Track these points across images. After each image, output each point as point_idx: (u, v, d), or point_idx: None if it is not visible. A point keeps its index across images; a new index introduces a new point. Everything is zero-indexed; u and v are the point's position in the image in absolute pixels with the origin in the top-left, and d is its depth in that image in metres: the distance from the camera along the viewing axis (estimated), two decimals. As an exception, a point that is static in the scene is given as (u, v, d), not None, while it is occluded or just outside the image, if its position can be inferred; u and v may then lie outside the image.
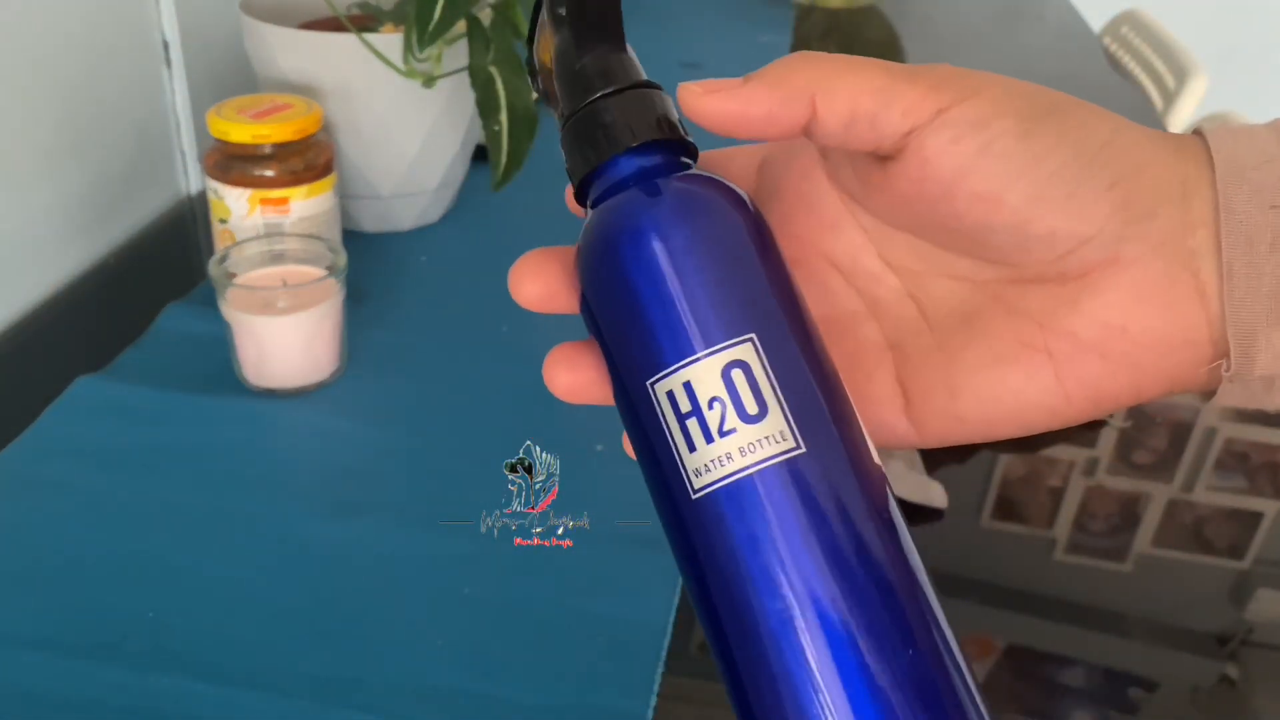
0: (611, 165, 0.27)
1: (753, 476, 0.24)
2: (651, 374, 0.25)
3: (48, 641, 0.47)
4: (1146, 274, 0.25)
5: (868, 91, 0.25)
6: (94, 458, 0.57)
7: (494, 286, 0.88)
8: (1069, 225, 0.25)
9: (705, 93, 0.26)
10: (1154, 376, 0.26)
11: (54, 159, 0.75)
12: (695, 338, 0.24)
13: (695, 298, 0.25)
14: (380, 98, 0.76)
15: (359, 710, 0.45)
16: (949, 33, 1.56)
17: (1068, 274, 0.26)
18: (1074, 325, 0.26)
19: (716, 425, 0.24)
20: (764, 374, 0.24)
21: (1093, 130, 0.25)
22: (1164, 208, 0.25)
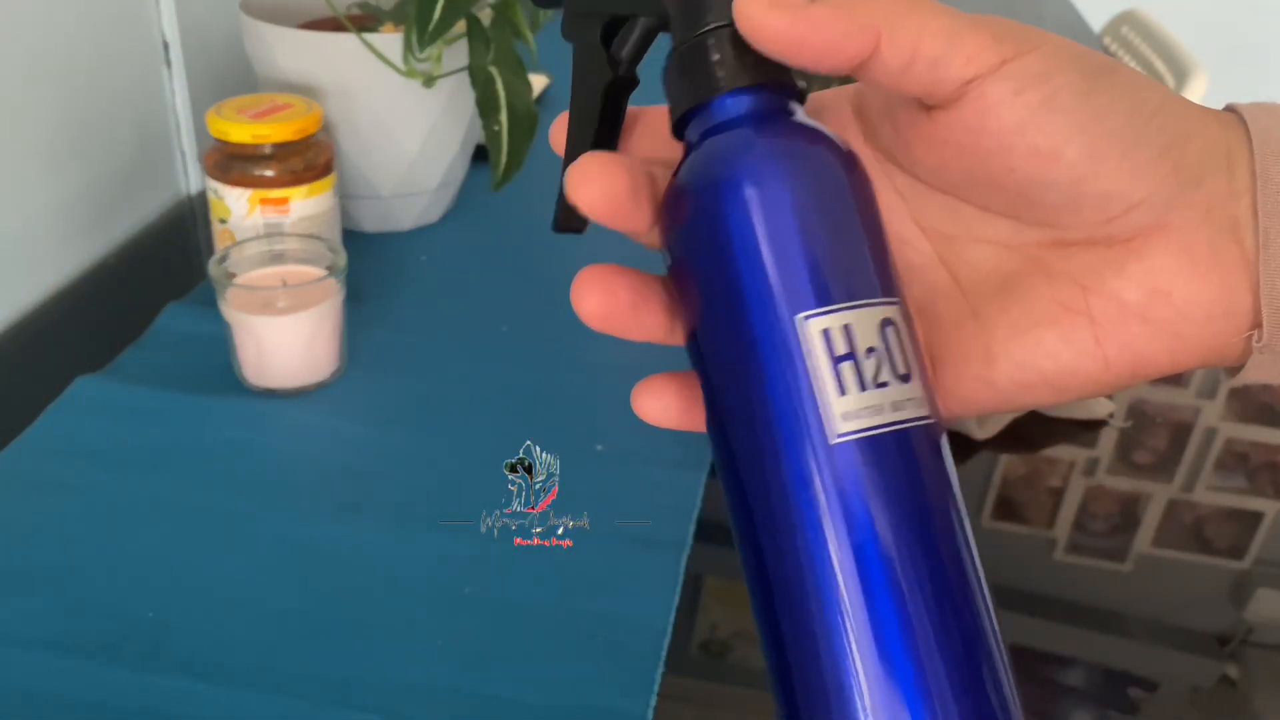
0: (744, 95, 0.26)
1: (900, 433, 0.24)
2: (804, 308, 0.24)
3: (48, 641, 0.47)
4: (1194, 240, 0.25)
5: (933, 32, 0.25)
6: (94, 458, 0.57)
7: (494, 286, 0.89)
8: (1123, 186, 0.25)
9: (770, 5, 0.25)
10: (1194, 345, 0.26)
11: (54, 159, 0.75)
12: (864, 284, 0.25)
13: (861, 245, 0.25)
14: (380, 98, 0.76)
15: (359, 710, 0.45)
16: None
17: (1115, 237, 0.26)
18: (1119, 288, 0.26)
19: (871, 375, 0.24)
20: (908, 338, 0.25)
21: (1146, 94, 0.25)
22: (1211, 175, 0.25)
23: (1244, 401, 0.73)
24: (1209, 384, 0.75)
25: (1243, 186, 0.25)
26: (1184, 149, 0.25)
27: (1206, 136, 0.26)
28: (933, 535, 0.24)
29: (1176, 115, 0.26)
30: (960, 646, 0.23)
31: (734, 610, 0.55)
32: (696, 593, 0.53)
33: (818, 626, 0.24)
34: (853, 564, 0.23)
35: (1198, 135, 0.26)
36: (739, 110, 0.26)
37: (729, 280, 0.25)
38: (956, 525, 0.24)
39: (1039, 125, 0.25)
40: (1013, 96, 0.25)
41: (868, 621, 0.23)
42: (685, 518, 0.55)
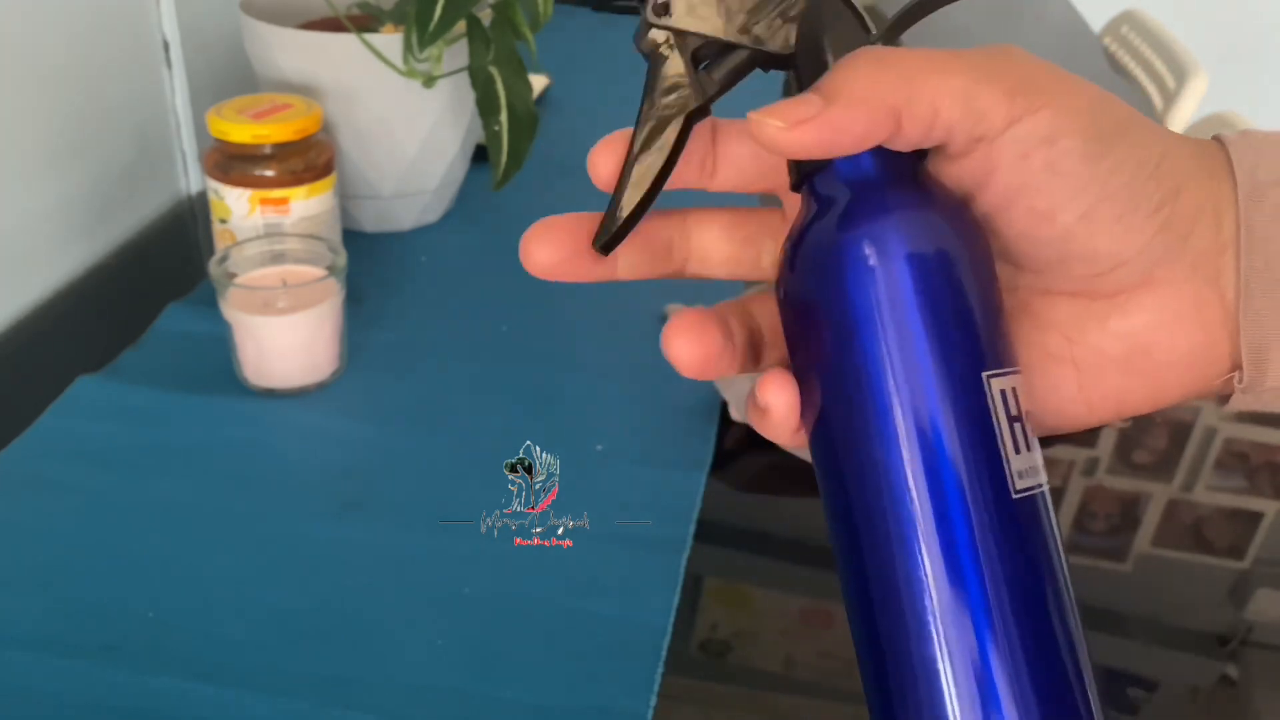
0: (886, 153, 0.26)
1: (1043, 494, 0.26)
2: (988, 367, 0.25)
3: (48, 641, 0.47)
4: (1179, 296, 0.26)
5: (948, 96, 0.24)
6: (94, 458, 0.57)
7: (494, 286, 0.89)
8: (1114, 246, 0.25)
9: (790, 126, 0.24)
10: (1174, 388, 0.27)
11: (54, 159, 0.75)
12: (1009, 351, 0.26)
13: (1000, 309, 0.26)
14: (380, 98, 0.76)
15: (359, 710, 0.45)
16: (949, 33, 1.56)
17: (1100, 291, 0.26)
18: (1101, 341, 0.27)
19: (1023, 438, 0.26)
20: (1023, 411, 0.26)
21: (1149, 150, 0.25)
22: (1199, 228, 0.26)
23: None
24: (1209, 384, 0.75)
25: (1229, 238, 0.26)
26: (1176, 203, 0.25)
27: (1197, 187, 0.26)
28: (1058, 585, 0.26)
29: (1174, 168, 0.26)
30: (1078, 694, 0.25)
31: (734, 610, 0.55)
32: (696, 593, 0.53)
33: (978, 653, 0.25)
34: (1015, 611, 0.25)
35: (1190, 187, 0.26)
36: (880, 167, 0.26)
37: (899, 338, 0.25)
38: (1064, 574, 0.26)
39: (1039, 189, 0.25)
40: (1018, 161, 0.25)
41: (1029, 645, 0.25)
42: (685, 518, 0.55)
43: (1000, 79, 0.25)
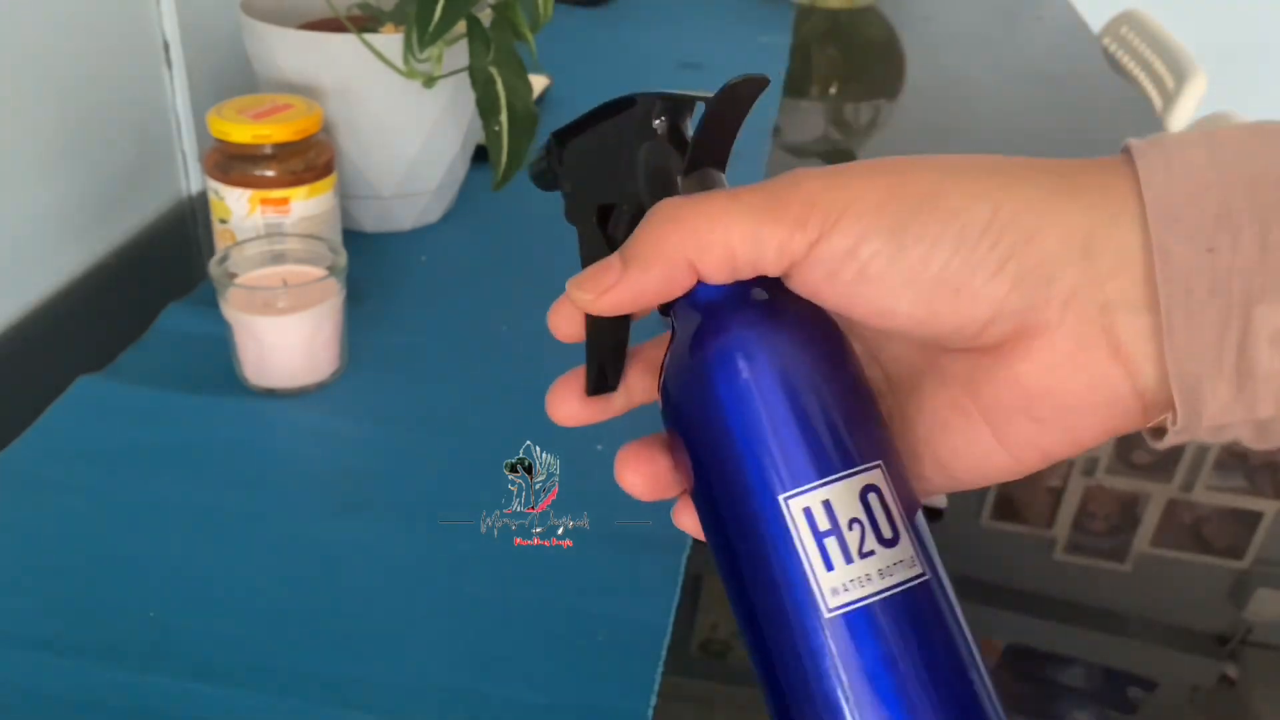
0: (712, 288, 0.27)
1: (890, 599, 0.25)
2: (786, 489, 0.25)
3: (48, 641, 0.47)
4: (1057, 341, 0.25)
5: (737, 240, 0.25)
6: (94, 458, 0.58)
7: (494, 287, 0.89)
8: (966, 317, 0.25)
9: (597, 296, 0.27)
10: (1087, 430, 0.26)
11: (54, 159, 0.75)
12: (837, 457, 0.25)
13: (831, 418, 0.26)
14: (380, 98, 0.76)
15: (359, 710, 0.45)
16: (949, 33, 1.56)
17: (985, 346, 0.26)
18: (999, 392, 0.26)
19: (856, 546, 0.25)
20: (892, 499, 0.25)
21: (971, 215, 0.25)
22: (1063, 269, 0.24)
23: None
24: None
25: (1106, 269, 0.24)
26: (1024, 254, 0.25)
27: (1055, 228, 0.25)
28: (938, 686, 0.24)
29: (1011, 221, 0.25)
30: None
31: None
32: (696, 593, 0.53)
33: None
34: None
35: (1042, 231, 0.25)
36: (711, 294, 0.27)
37: (716, 460, 0.27)
38: (967, 667, 0.25)
39: (861, 297, 0.25)
40: (828, 281, 0.25)
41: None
42: (685, 518, 0.55)
43: (786, 210, 0.25)
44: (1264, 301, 0.23)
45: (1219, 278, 0.23)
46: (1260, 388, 0.23)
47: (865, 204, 0.25)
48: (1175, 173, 0.24)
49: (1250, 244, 0.23)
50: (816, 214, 0.25)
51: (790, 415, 0.26)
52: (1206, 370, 0.24)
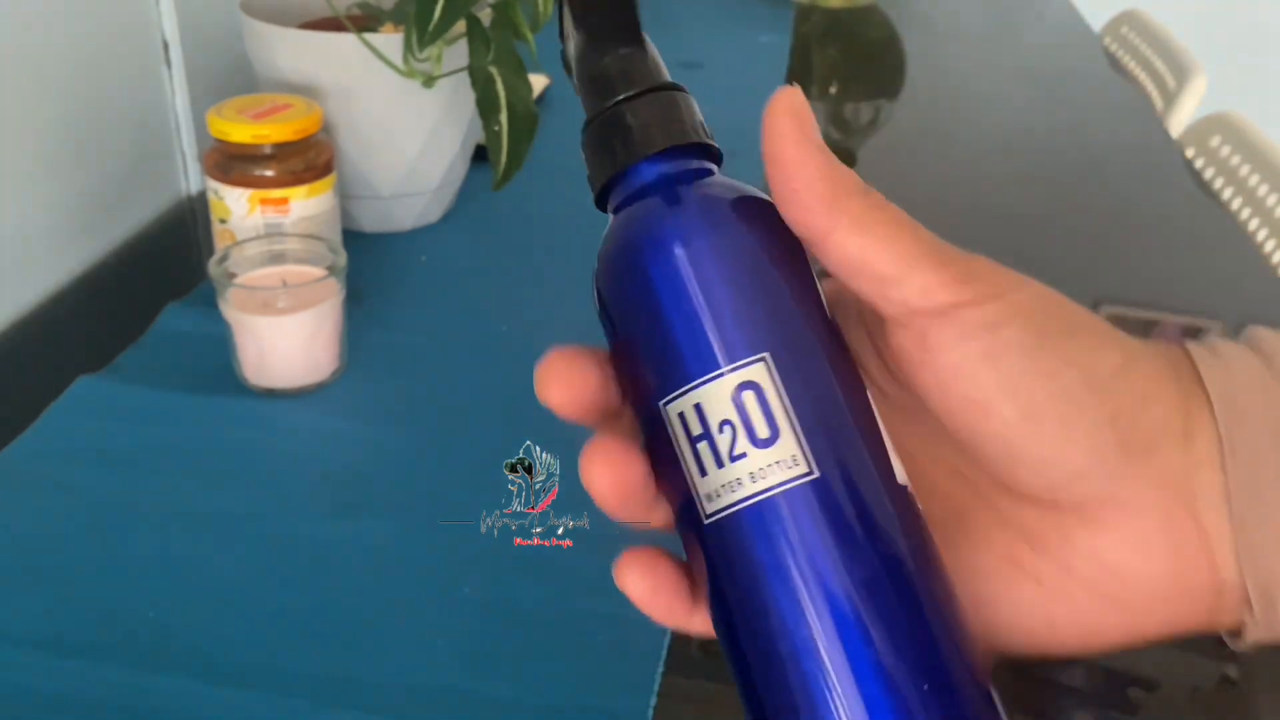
0: (629, 173, 0.26)
1: (764, 502, 0.23)
2: (663, 395, 0.24)
3: (48, 641, 0.47)
4: (1146, 518, 0.24)
5: (891, 252, 0.24)
6: (94, 458, 0.57)
7: (494, 286, 0.89)
8: (1061, 454, 0.24)
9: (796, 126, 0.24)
10: (1149, 620, 0.25)
11: (54, 159, 0.75)
12: (707, 357, 0.24)
13: (708, 314, 0.24)
14: (380, 98, 0.76)
15: (359, 710, 0.45)
16: (949, 33, 1.56)
17: (1062, 502, 0.25)
18: (1067, 557, 0.25)
19: (727, 450, 0.23)
20: (776, 395, 0.23)
21: (1104, 357, 0.24)
22: (1165, 444, 0.24)
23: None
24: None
25: (1202, 457, 0.24)
26: (1136, 417, 0.24)
27: (1165, 400, 0.24)
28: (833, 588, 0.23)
29: (1136, 379, 0.24)
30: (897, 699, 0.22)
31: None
32: (696, 593, 0.53)
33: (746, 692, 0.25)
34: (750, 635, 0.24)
35: (1156, 399, 0.24)
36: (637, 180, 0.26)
37: (626, 365, 0.26)
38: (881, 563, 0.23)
39: (974, 376, 0.24)
40: (955, 342, 0.24)
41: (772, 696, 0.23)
42: (685, 518, 0.55)
43: (953, 265, 0.24)
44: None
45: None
46: None
47: (1023, 297, 0.24)
48: (1235, 373, 0.24)
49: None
50: (977, 283, 0.24)
51: (676, 315, 0.24)
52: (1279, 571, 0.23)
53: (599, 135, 0.26)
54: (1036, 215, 0.98)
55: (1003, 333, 0.24)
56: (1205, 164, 1.24)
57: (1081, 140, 1.17)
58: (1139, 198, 1.04)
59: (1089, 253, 0.92)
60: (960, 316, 0.24)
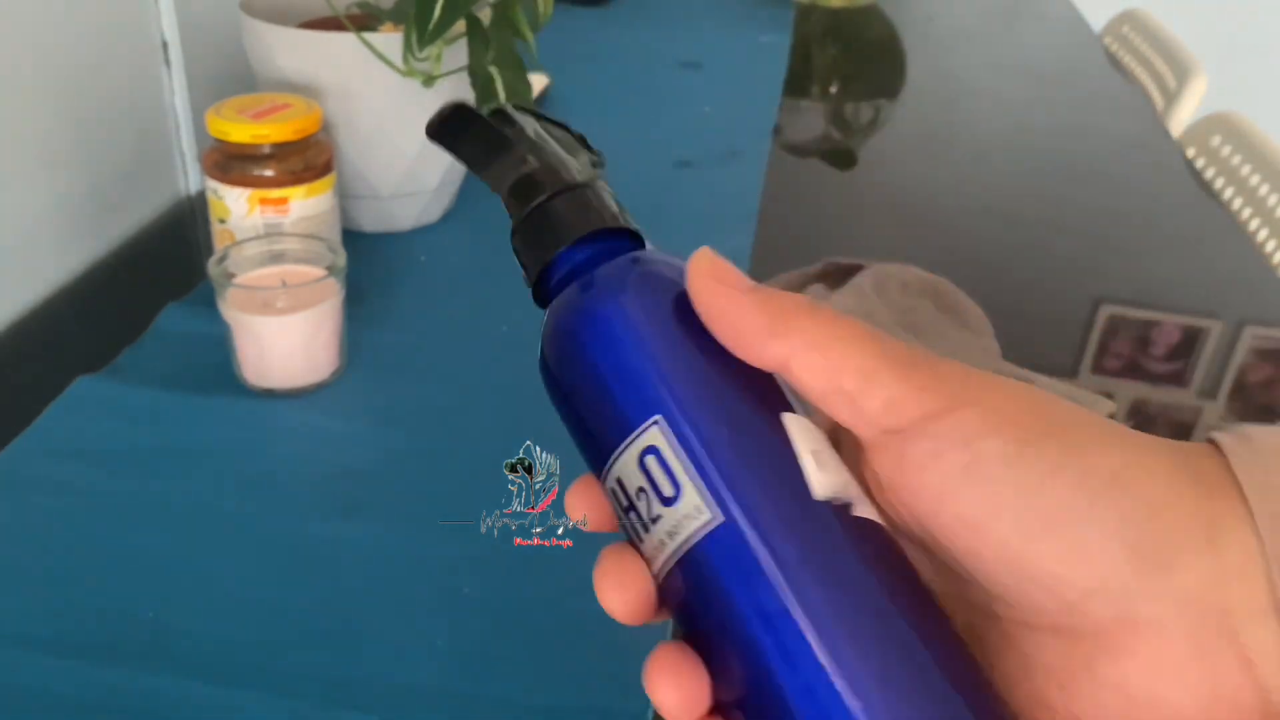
0: (542, 274, 0.27)
1: (685, 556, 0.24)
2: (598, 472, 0.26)
3: (48, 641, 0.47)
4: (1171, 642, 0.21)
5: (853, 368, 0.23)
6: (94, 458, 0.57)
7: (494, 286, 0.89)
8: (1070, 572, 0.22)
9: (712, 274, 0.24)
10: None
11: (54, 159, 0.75)
12: (614, 430, 0.25)
13: (608, 386, 0.25)
14: (380, 97, 0.76)
15: (359, 710, 0.45)
16: (949, 32, 1.56)
17: (1080, 629, 0.22)
18: (1097, 693, 0.22)
19: (648, 515, 0.24)
20: (673, 454, 0.24)
21: (1100, 458, 0.22)
22: (1186, 557, 0.21)
23: (1244, 402, 0.73)
24: (1210, 384, 0.75)
25: (1234, 568, 0.21)
26: (1146, 525, 0.21)
27: (1181, 505, 0.22)
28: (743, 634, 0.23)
29: (1141, 480, 0.22)
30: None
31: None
32: (696, 593, 0.53)
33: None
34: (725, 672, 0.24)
35: (1168, 506, 0.22)
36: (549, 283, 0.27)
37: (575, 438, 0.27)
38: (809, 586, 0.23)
39: (960, 495, 0.22)
40: (931, 460, 0.23)
41: None
42: (685, 518, 0.55)
43: (918, 373, 0.23)
44: None
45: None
46: None
47: (998, 399, 0.23)
48: (1273, 471, 0.22)
49: None
50: (945, 389, 0.23)
51: (586, 393, 0.25)
52: None
53: (518, 243, 0.28)
54: (1036, 215, 0.98)
55: (980, 445, 0.22)
56: (1205, 164, 1.24)
57: (1081, 140, 1.17)
58: (1139, 198, 1.04)
59: (1089, 253, 0.92)
60: (932, 431, 0.23)
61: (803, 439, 0.24)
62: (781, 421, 0.24)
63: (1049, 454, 0.22)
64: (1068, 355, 0.76)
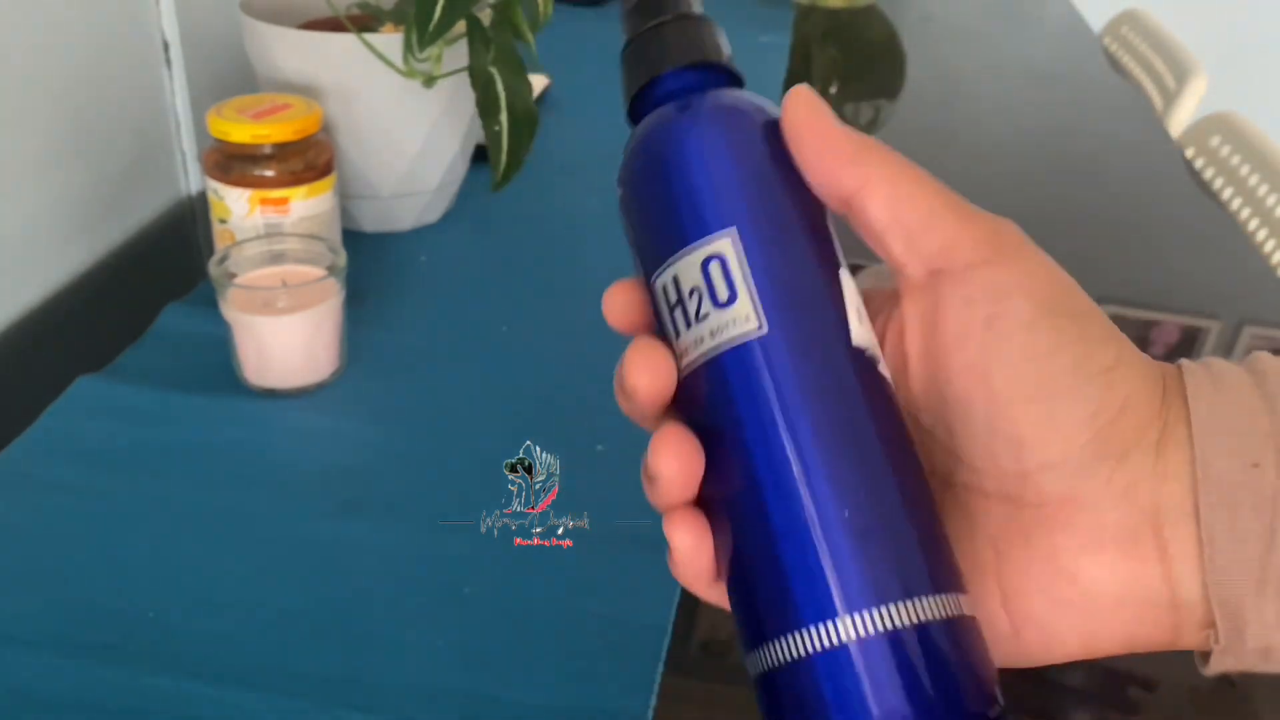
0: (648, 86, 0.29)
1: (722, 355, 0.25)
2: (651, 271, 0.27)
3: (48, 641, 0.47)
4: (1105, 522, 0.24)
5: (917, 206, 0.25)
6: (94, 458, 0.57)
7: (494, 286, 0.89)
8: (1038, 438, 0.24)
9: (810, 100, 0.26)
10: (1107, 630, 0.24)
11: (54, 159, 0.75)
12: (684, 234, 0.26)
13: (688, 196, 0.27)
14: (380, 98, 0.76)
15: (359, 710, 0.45)
16: (949, 33, 1.56)
17: (1026, 498, 0.25)
18: (1025, 558, 0.25)
19: (694, 311, 0.26)
20: (738, 263, 0.26)
21: (1099, 351, 0.24)
22: (1136, 454, 0.24)
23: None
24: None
25: (1171, 470, 0.23)
26: (1116, 418, 0.24)
27: (1144, 408, 0.24)
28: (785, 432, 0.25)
29: (1124, 380, 0.24)
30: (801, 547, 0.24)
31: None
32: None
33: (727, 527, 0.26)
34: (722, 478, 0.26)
35: (1136, 405, 0.24)
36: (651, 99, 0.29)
37: (633, 247, 0.29)
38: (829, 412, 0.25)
39: (975, 342, 0.24)
40: (963, 305, 0.24)
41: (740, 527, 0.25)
42: (685, 518, 0.55)
43: (976, 222, 0.25)
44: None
45: (1263, 495, 0.22)
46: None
47: (1036, 267, 0.25)
48: (1223, 392, 0.24)
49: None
50: (995, 244, 0.25)
51: (665, 196, 0.27)
52: (1250, 589, 0.22)
53: (628, 56, 0.30)
54: (1036, 215, 0.98)
55: (1008, 302, 0.24)
56: (1205, 164, 1.25)
57: (1081, 140, 1.17)
58: (1139, 198, 1.04)
59: (1089, 253, 0.92)
60: (972, 278, 0.24)
61: (851, 292, 0.26)
62: (837, 272, 0.26)
63: (1063, 330, 0.24)
64: (1067, 355, 0.75)
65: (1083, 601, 0.24)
